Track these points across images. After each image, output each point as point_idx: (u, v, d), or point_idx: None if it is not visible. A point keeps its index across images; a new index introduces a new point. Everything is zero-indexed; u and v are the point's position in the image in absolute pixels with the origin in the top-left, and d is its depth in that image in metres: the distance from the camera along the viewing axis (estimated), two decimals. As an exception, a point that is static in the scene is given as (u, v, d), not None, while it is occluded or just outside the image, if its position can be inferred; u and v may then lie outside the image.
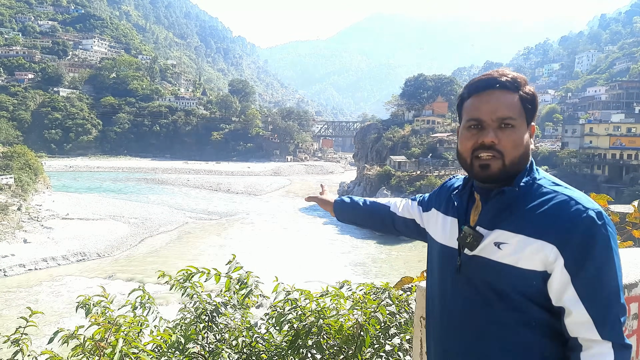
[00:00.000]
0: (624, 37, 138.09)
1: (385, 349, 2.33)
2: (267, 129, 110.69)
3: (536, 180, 1.24)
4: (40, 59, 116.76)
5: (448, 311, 1.31)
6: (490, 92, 1.24)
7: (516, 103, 1.23)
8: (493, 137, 1.21)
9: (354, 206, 1.79)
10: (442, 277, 1.34)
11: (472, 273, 1.25)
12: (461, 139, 1.28)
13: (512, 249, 1.18)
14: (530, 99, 1.25)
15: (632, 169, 47.56)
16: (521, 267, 1.16)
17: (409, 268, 27.68)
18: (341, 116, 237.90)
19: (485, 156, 1.23)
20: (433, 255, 1.42)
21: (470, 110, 1.26)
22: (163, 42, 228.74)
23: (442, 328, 1.33)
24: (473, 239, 1.25)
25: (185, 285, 2.58)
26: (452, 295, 1.29)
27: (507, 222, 1.21)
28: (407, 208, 1.64)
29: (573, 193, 1.18)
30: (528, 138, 1.26)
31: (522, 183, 1.23)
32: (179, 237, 37.42)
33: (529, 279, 1.16)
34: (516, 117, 1.22)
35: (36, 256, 28.98)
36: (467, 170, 1.29)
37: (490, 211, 1.25)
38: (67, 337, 2.09)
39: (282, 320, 2.42)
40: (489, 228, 1.24)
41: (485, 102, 1.23)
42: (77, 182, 66.04)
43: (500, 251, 1.20)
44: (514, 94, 1.23)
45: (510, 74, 1.25)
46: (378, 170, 50.16)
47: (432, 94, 76.06)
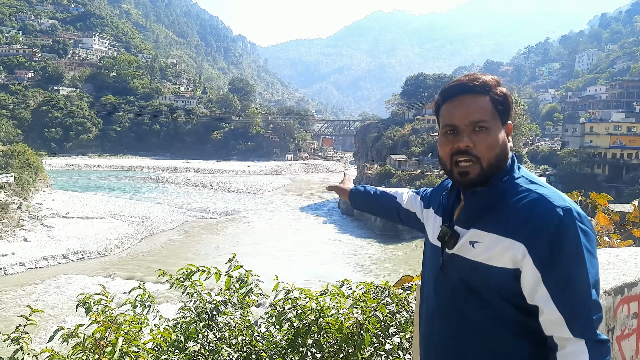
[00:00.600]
0: (624, 36, 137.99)
1: (385, 347, 2.33)
2: (268, 127, 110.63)
3: (514, 180, 1.25)
4: (41, 57, 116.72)
5: (430, 308, 1.35)
6: (461, 97, 1.26)
7: (487, 105, 1.25)
8: (468, 141, 1.24)
9: (366, 195, 1.87)
10: (431, 275, 1.37)
11: (451, 271, 1.29)
12: (440, 145, 1.32)
13: (484, 248, 1.21)
14: (502, 99, 1.27)
15: (633, 168, 47.55)
16: (492, 265, 1.19)
17: (409, 267, 27.68)
18: (341, 115, 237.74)
19: (463, 162, 1.25)
20: (425, 253, 1.46)
21: (445, 117, 1.29)
22: (163, 41, 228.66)
23: (425, 324, 1.38)
24: (450, 237, 1.28)
25: (185, 284, 2.58)
26: (434, 292, 1.33)
27: (482, 222, 1.24)
28: (411, 200, 1.68)
29: (545, 191, 1.19)
30: (504, 137, 1.27)
31: (500, 182, 1.25)
32: (179, 235, 37.43)
33: (501, 276, 1.18)
34: (489, 119, 1.24)
35: (36, 255, 28.99)
36: (449, 176, 1.33)
37: (468, 211, 1.29)
38: (67, 336, 2.09)
39: (282, 319, 2.43)
40: (466, 227, 1.27)
41: (458, 107, 1.26)
42: (77, 181, 66.05)
43: (473, 250, 1.23)
44: (485, 96, 1.26)
45: (480, 77, 1.27)
46: (378, 169, 50.15)
47: (432, 93, 75.93)
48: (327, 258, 31.87)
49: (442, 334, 1.30)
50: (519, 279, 1.16)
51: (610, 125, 52.76)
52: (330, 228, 42.16)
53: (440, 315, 1.31)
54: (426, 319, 1.38)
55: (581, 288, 1.12)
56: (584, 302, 1.12)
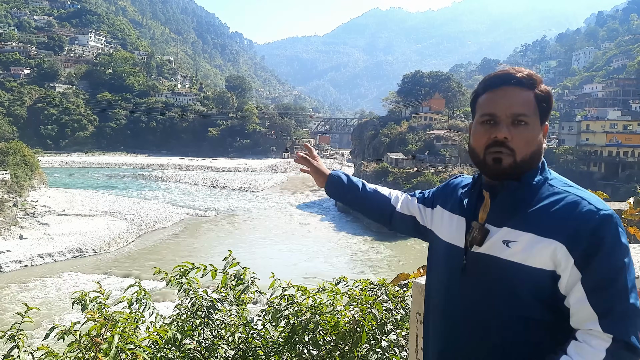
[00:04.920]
0: (620, 34, 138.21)
1: (382, 345, 2.33)
2: (264, 125, 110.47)
3: (548, 180, 1.22)
4: (36, 54, 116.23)
5: (452, 310, 1.28)
6: (505, 88, 1.23)
7: (531, 101, 1.22)
8: (506, 132, 1.21)
9: (352, 188, 1.67)
10: (446, 276, 1.32)
11: (478, 272, 1.23)
12: (474, 134, 1.28)
13: (521, 247, 1.16)
14: (545, 97, 1.24)
15: (628, 166, 47.74)
16: (530, 265, 1.15)
17: (405, 264, 27.73)
18: (338, 113, 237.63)
19: (498, 151, 1.22)
20: (437, 253, 1.40)
21: (484, 106, 1.25)
22: (160, 38, 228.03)
23: (444, 326, 1.31)
24: (479, 233, 1.23)
25: (182, 282, 2.58)
26: (456, 294, 1.27)
27: (516, 220, 1.19)
28: (406, 204, 1.59)
29: (585, 194, 1.17)
30: (541, 137, 1.24)
31: (533, 181, 1.22)
32: (176, 233, 37.39)
33: (538, 277, 1.14)
34: (530, 115, 1.21)
35: (32, 252, 28.91)
36: (479, 166, 1.28)
37: (499, 208, 1.24)
38: (63, 333, 2.09)
39: (278, 316, 2.43)
40: (497, 225, 1.22)
41: (500, 98, 1.22)
42: (73, 178, 65.87)
43: (508, 249, 1.18)
44: (529, 91, 1.22)
45: (526, 70, 1.24)
46: (375, 167, 50.20)
47: (429, 91, 76.08)
48: (324, 255, 31.90)
49: (468, 336, 1.24)
50: (556, 280, 1.14)
51: (607, 123, 52.93)
52: (326, 225, 42.20)
53: (465, 317, 1.25)
54: (443, 321, 1.32)
55: (619, 291, 1.09)
56: (622, 301, 1.09)
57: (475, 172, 1.35)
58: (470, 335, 1.24)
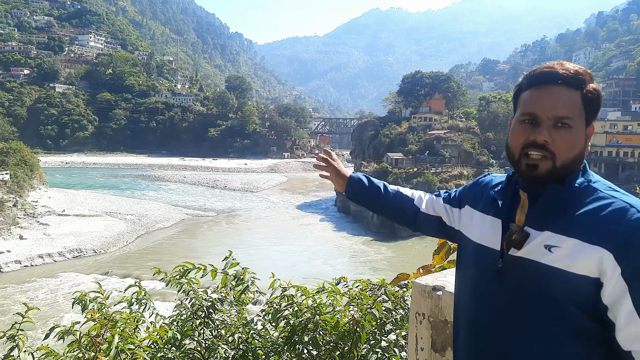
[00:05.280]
0: (620, 34, 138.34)
1: (381, 345, 2.34)
2: (264, 125, 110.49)
3: (591, 183, 1.15)
4: (36, 54, 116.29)
5: (485, 315, 1.21)
6: (550, 87, 1.14)
7: (577, 102, 1.13)
8: (547, 135, 1.13)
9: (373, 190, 1.60)
10: (478, 279, 1.25)
11: (516, 276, 1.16)
12: (512, 132, 1.20)
13: (565, 253, 1.09)
14: (594, 98, 1.14)
15: (628, 166, 47.76)
16: (573, 272, 1.08)
17: (405, 265, 27.73)
18: (338, 113, 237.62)
19: (535, 155, 1.14)
20: (467, 255, 1.33)
21: (526, 104, 1.17)
22: (160, 38, 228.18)
23: (476, 333, 1.23)
24: (519, 237, 1.16)
25: (182, 282, 2.58)
26: (490, 298, 1.20)
27: (559, 225, 1.12)
28: (431, 204, 1.52)
29: (632, 200, 1.10)
30: (585, 140, 1.16)
31: (576, 184, 1.14)
32: (176, 233, 37.40)
33: (580, 284, 1.07)
34: (574, 117, 1.13)
35: (32, 252, 28.93)
36: (514, 166, 1.22)
37: (540, 211, 1.16)
38: (63, 333, 2.09)
39: (278, 316, 2.43)
40: (538, 229, 1.14)
41: (544, 97, 1.14)
42: (73, 179, 65.89)
43: (550, 254, 1.11)
44: (576, 91, 1.13)
45: (574, 68, 1.15)
46: (375, 167, 50.17)
47: (429, 91, 76.11)
48: (324, 256, 31.91)
49: (500, 343, 1.17)
50: (599, 288, 1.06)
51: (607, 124, 52.93)
52: (326, 226, 42.21)
53: (496, 323, 1.18)
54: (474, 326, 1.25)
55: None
56: None
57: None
58: (507, 344, 1.17)
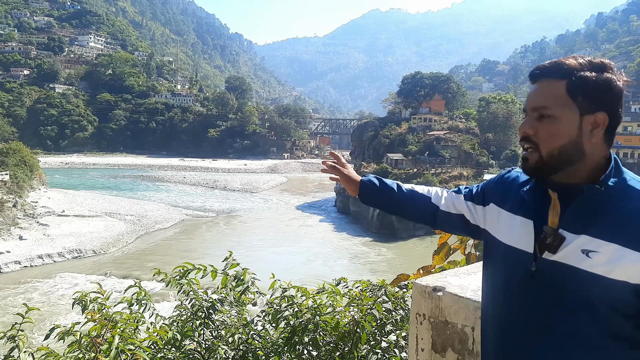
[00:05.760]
0: (620, 35, 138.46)
1: (381, 345, 2.34)
2: (264, 126, 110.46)
3: (627, 182, 1.11)
4: (36, 55, 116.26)
5: (516, 316, 1.17)
6: (539, 81, 1.15)
7: (559, 91, 1.11)
8: (527, 128, 1.15)
9: (386, 190, 1.56)
10: (509, 281, 1.20)
11: (552, 280, 1.12)
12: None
13: (604, 259, 1.05)
14: (581, 84, 1.10)
15: (628, 167, 46.72)
16: (613, 279, 1.04)
17: (405, 265, 27.73)
18: (338, 113, 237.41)
19: (526, 147, 1.16)
20: (496, 257, 1.27)
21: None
22: (160, 39, 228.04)
23: (506, 334, 1.20)
24: (554, 240, 1.11)
25: (182, 282, 2.58)
26: (523, 302, 1.16)
27: (597, 228, 1.07)
28: (451, 201, 1.46)
29: None
30: (577, 129, 1.11)
31: (611, 184, 1.10)
32: (176, 234, 37.39)
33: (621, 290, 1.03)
34: (553, 107, 1.11)
35: (32, 253, 28.93)
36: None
37: (575, 213, 1.11)
38: (63, 334, 2.09)
39: (278, 317, 2.43)
40: (574, 232, 1.10)
41: (532, 92, 1.16)
42: (72, 179, 65.88)
43: (589, 259, 1.06)
44: (561, 80, 1.11)
45: (563, 60, 1.14)
46: (375, 168, 50.15)
47: (429, 92, 76.04)
48: (324, 256, 31.91)
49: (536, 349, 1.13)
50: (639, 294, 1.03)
51: (606, 125, 52.94)
52: (326, 226, 42.20)
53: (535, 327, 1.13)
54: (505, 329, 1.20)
55: None
56: None
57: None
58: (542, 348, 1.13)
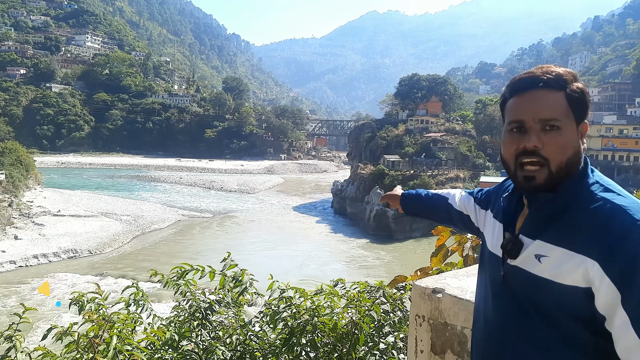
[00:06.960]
0: (616, 39, 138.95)
1: (380, 347, 2.34)
2: (261, 127, 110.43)
3: (587, 186, 1.11)
4: (33, 54, 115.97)
5: (489, 323, 1.21)
6: (532, 91, 1.12)
7: (561, 102, 1.11)
8: (536, 140, 1.10)
9: (418, 198, 1.78)
10: (488, 286, 1.24)
11: (514, 285, 1.14)
12: (503, 143, 1.18)
13: (551, 263, 1.06)
14: (578, 96, 1.12)
15: (624, 170, 47.95)
16: (561, 283, 1.04)
17: (402, 267, 27.75)
18: (335, 115, 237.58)
19: (530, 165, 1.11)
20: (483, 260, 1.31)
21: (511, 112, 1.15)
22: (157, 39, 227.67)
23: (483, 340, 1.23)
24: (512, 246, 1.15)
25: (179, 283, 2.58)
26: (493, 306, 1.20)
27: (549, 233, 1.09)
28: (463, 202, 1.55)
29: (624, 201, 1.05)
30: (578, 139, 1.14)
31: (571, 189, 1.11)
32: (172, 234, 37.31)
33: (571, 296, 1.03)
34: (561, 118, 1.10)
35: (27, 253, 28.82)
36: (512, 179, 1.19)
37: (533, 219, 1.15)
38: (60, 334, 2.08)
39: (276, 318, 2.43)
40: (531, 237, 1.12)
41: (527, 103, 1.12)
42: (69, 179, 65.68)
43: (539, 264, 1.08)
44: (559, 92, 1.11)
45: (555, 70, 1.13)
46: (372, 170, 50.16)
47: (426, 94, 76.13)
48: (321, 257, 31.89)
49: (503, 350, 1.16)
50: (593, 299, 1.01)
51: (602, 128, 53.15)
52: (323, 228, 42.20)
53: (501, 330, 1.16)
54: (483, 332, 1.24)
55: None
56: None
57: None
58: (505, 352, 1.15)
